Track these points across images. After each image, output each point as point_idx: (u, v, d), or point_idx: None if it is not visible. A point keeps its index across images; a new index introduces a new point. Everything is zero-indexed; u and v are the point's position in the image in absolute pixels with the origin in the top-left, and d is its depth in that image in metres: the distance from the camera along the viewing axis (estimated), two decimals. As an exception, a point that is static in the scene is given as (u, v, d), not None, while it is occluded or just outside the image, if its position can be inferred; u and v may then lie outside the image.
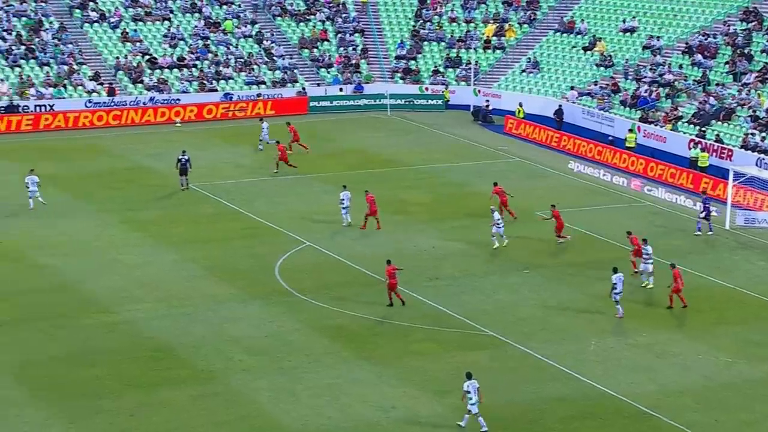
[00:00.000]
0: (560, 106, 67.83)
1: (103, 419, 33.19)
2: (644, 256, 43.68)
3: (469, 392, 32.76)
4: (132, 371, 36.17)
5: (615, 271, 41.16)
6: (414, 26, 77.70)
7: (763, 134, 58.56)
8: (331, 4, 78.75)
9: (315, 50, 76.05)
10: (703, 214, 50.15)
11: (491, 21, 77.15)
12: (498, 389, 35.47)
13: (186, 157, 54.87)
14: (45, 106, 67.63)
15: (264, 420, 33.57)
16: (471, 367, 36.99)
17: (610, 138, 64.00)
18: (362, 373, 36.53)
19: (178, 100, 70.42)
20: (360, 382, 35.90)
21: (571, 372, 36.67)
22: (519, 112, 68.71)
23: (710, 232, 49.83)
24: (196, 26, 75.67)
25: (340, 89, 73.42)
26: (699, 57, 66.99)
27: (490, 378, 36.22)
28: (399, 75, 74.88)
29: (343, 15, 78.29)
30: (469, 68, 73.97)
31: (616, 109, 66.64)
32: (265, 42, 75.46)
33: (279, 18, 77.83)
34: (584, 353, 38.17)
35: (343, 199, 49.65)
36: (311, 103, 72.27)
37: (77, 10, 74.74)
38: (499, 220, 47.41)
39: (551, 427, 33.33)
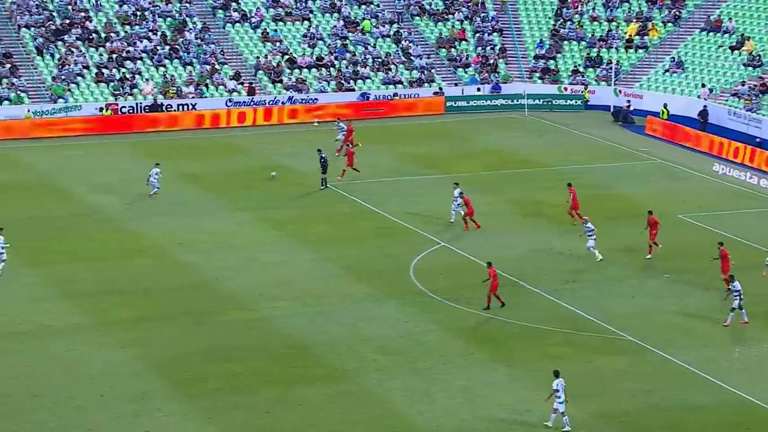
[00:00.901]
0: (705, 106, 66.36)
1: (240, 415, 33.77)
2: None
3: (557, 390, 32.45)
4: (268, 368, 36.72)
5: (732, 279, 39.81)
6: (554, 25, 77.02)
7: None
8: (469, 4, 78.65)
9: (453, 50, 76.06)
10: None
11: (634, 20, 75.96)
12: (637, 395, 34.90)
13: (324, 156, 55.50)
14: (187, 105, 69.23)
15: (397, 420, 33.68)
16: (609, 371, 36.50)
17: (758, 140, 62.32)
18: (497, 375, 36.37)
19: (316, 99, 71.23)
20: (495, 384, 35.74)
21: (713, 379, 35.85)
22: (663, 113, 67.47)
23: None
24: (335, 26, 76.47)
25: (478, 89, 73.26)
26: None
27: (630, 383, 35.67)
28: (537, 75, 74.33)
29: (482, 14, 78.12)
30: (610, 68, 72.96)
31: (764, 110, 64.85)
32: (402, 42, 75.82)
33: (417, 18, 78.09)
34: (727, 361, 37.28)
35: (456, 197, 49.81)
36: (448, 103, 72.29)
37: (220, 11, 76.32)
38: (590, 231, 45.73)
39: (692, 436, 32.65)
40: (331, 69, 73.53)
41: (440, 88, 73.06)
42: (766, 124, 63.19)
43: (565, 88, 73.17)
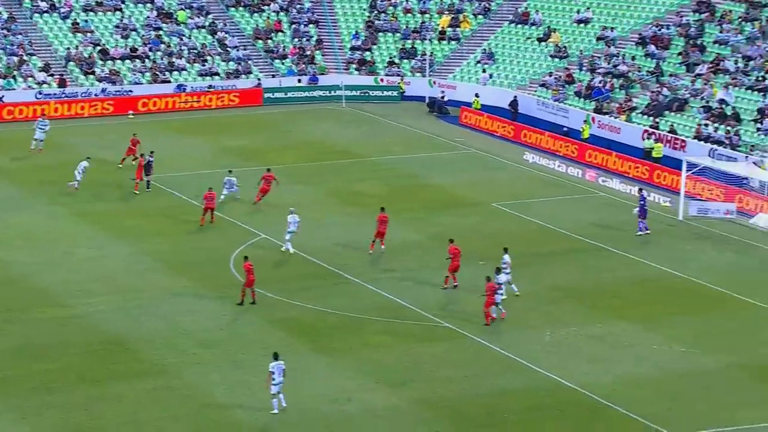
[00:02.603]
0: (515, 97, 67.95)
1: (55, 414, 32.78)
2: (503, 265, 41.17)
3: (273, 373, 32.88)
4: (85, 365, 35.76)
5: (498, 272, 40.09)
6: (369, 17, 77.48)
7: (716, 125, 58.93)
8: (285, -5, 78.39)
9: (269, 41, 75.62)
10: (636, 210, 49.57)
11: (446, 12, 77.10)
12: (455, 380, 35.44)
13: (152, 158, 53.85)
14: (-6, 97, 66.77)
15: (218, 413, 33.31)
16: (428, 357, 36.96)
17: (565, 129, 64.19)
18: (318, 365, 36.36)
19: (131, 91, 69.75)
20: (316, 374, 35.73)
21: (527, 363, 36.72)
22: (475, 102, 68.74)
23: (645, 232, 48.43)
24: (148, 17, 74.97)
25: (299, 80, 73.05)
26: (652, 48, 67.31)
27: (448, 370, 36.20)
28: (354, 66, 74.65)
29: (298, 6, 77.91)
30: (424, 59, 73.90)
31: (570, 100, 66.82)
32: (218, 33, 74.93)
33: (232, 9, 77.30)
34: (540, 344, 38.23)
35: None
36: (266, 95, 71.86)
37: (27, 0, 73.78)
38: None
39: (508, 419, 33.36)
40: (146, 60, 72.09)
41: (259, 80, 72.54)
42: (572, 114, 65.14)
43: (381, 80, 73.73)
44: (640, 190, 50.78)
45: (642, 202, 49.28)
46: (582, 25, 72.63)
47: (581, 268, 44.78)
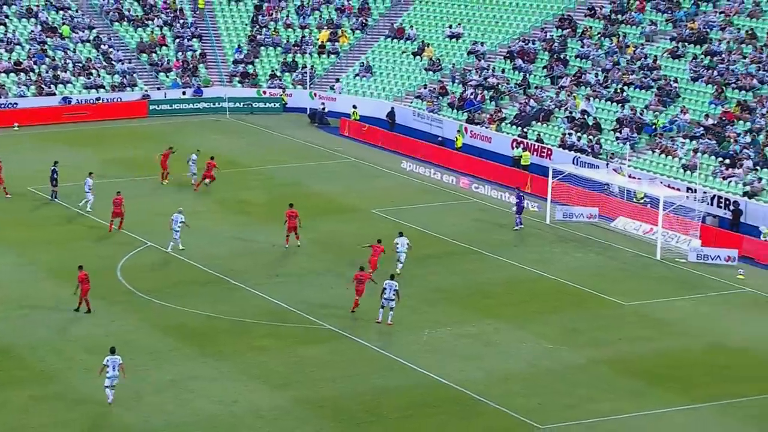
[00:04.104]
0: (392, 108, 68.45)
1: (-58, 424, 31.86)
2: (397, 248, 44.02)
3: (107, 365, 32.95)
4: (-28, 375, 34.82)
5: (392, 277, 40.34)
6: (251, 32, 77.17)
7: (579, 134, 60.35)
8: (168, 10, 77.52)
9: (153, 55, 74.71)
10: (514, 209, 51.17)
11: (325, 27, 77.26)
12: (337, 381, 35.54)
13: (55, 168, 52.47)
14: None
15: (106, 418, 32.79)
16: (311, 360, 36.99)
17: (440, 138, 64.92)
18: (205, 369, 36.08)
19: (16, 104, 68.25)
20: (203, 378, 35.44)
21: (406, 362, 37.02)
22: (354, 114, 69.03)
23: (520, 226, 50.56)
24: (32, 31, 73.38)
25: (183, 93, 72.33)
26: (520, 61, 68.58)
27: (330, 370, 36.28)
28: (237, 79, 74.27)
29: (181, 20, 77.16)
30: (305, 72, 73.93)
31: (444, 111, 67.63)
32: (103, 46, 73.75)
33: (117, 23, 76.17)
34: (417, 344, 38.58)
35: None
36: (151, 107, 70.96)
37: None
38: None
39: (388, 416, 33.58)
40: (31, 73, 70.56)
41: (146, 92, 71.59)
42: (447, 124, 65.92)
43: (264, 92, 73.52)
44: (518, 190, 52.07)
45: (518, 200, 50.71)
46: (454, 40, 73.59)
47: (457, 271, 45.35)
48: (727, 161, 54.15)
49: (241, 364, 36.31)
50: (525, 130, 62.57)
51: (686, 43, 63.69)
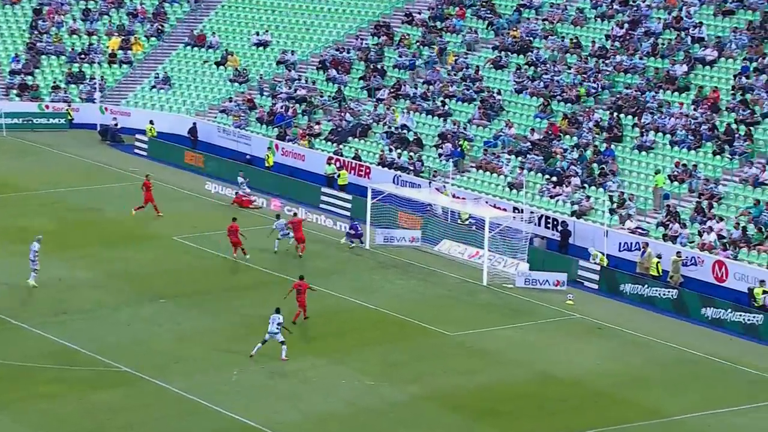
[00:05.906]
0: (194, 123, 68.05)
1: None
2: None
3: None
4: None
5: (277, 311, 40.66)
6: (29, 38, 75.40)
7: (399, 151, 61.27)
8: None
9: None
10: (352, 231, 52.64)
11: (115, 34, 76.19)
12: (134, 427, 35.01)
13: None
14: None
15: None
16: (104, 405, 36.32)
17: (248, 156, 64.87)
18: (-18, 421, 35.03)
19: None
20: (-20, 431, 34.39)
21: (211, 405, 36.78)
22: (150, 130, 68.26)
23: (351, 245, 52.38)
24: None
25: (-45, 108, 70.19)
26: (333, 72, 69.22)
27: (126, 416, 35.72)
28: (15, 92, 72.40)
29: (-51, 25, 74.82)
30: (94, 84, 72.72)
31: (252, 126, 67.63)
32: None
33: None
34: (226, 384, 38.40)
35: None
36: None
37: None
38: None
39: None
40: None
41: None
42: (255, 141, 65.92)
43: (47, 106, 71.89)
44: (352, 219, 53.86)
45: (355, 230, 52.69)
46: (261, 48, 73.76)
47: (270, 302, 45.34)
48: (554, 179, 55.99)
49: (22, 414, 35.37)
50: (341, 146, 63.18)
51: (509, 53, 65.64)
